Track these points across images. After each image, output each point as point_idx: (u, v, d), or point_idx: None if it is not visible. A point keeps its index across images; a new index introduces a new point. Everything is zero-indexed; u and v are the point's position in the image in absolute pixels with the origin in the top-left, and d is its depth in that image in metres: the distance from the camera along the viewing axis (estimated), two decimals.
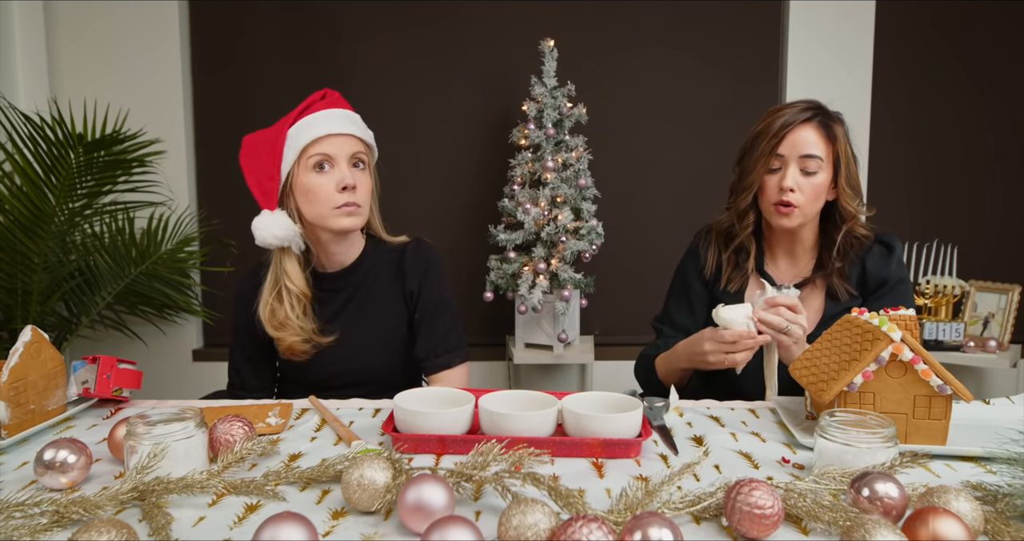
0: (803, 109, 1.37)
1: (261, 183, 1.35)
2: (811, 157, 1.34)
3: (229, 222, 2.72)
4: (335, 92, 1.41)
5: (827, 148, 1.36)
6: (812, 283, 1.43)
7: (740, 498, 0.72)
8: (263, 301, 1.39)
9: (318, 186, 1.33)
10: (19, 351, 1.07)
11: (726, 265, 1.48)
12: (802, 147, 1.34)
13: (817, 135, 1.35)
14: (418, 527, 0.73)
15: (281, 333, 1.38)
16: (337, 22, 2.70)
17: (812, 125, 1.36)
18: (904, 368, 0.98)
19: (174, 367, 2.76)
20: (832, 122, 1.37)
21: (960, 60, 2.77)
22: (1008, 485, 0.81)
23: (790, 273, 1.47)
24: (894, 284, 1.40)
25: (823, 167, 1.35)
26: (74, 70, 2.63)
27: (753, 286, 1.47)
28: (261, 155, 1.35)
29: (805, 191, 1.35)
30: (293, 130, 1.33)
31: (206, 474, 0.85)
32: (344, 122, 1.36)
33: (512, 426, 0.98)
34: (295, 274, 1.38)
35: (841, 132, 1.38)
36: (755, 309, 1.26)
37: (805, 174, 1.35)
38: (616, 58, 2.75)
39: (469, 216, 2.77)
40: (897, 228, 2.70)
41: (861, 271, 1.42)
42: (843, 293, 1.41)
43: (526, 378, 2.83)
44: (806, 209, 1.36)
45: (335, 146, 1.33)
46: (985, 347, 2.51)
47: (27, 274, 2.23)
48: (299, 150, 1.32)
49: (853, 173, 1.39)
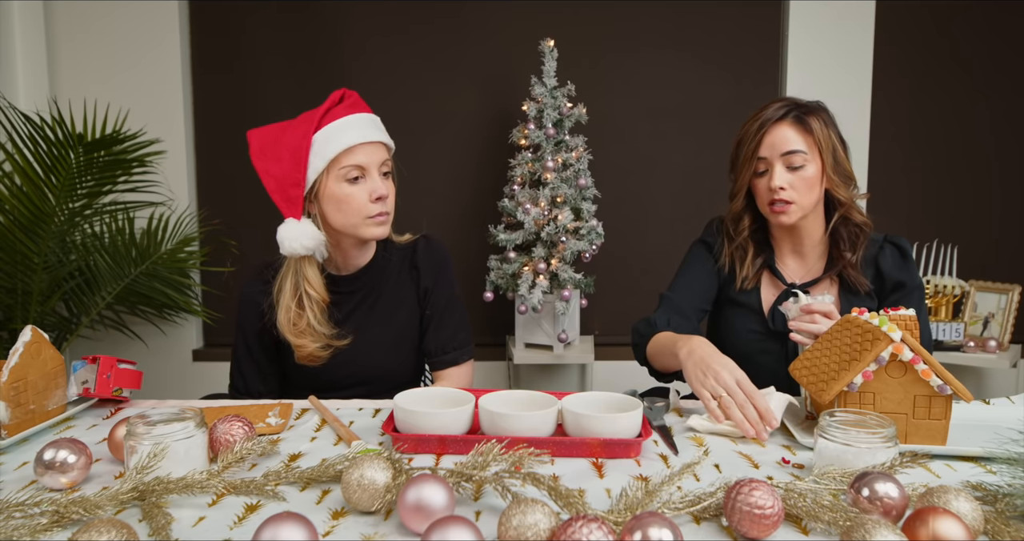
0: (777, 108, 1.39)
1: (285, 190, 1.31)
2: (793, 153, 1.35)
3: (229, 222, 2.72)
4: (353, 92, 1.38)
5: (807, 140, 1.36)
6: (824, 280, 1.44)
7: (740, 498, 0.72)
8: (283, 308, 1.36)
9: (351, 196, 1.31)
10: (19, 351, 1.07)
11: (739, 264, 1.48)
12: (782, 145, 1.36)
13: (794, 130, 1.36)
14: (418, 527, 0.73)
15: (302, 340, 1.36)
16: (337, 22, 2.70)
17: (787, 122, 1.37)
18: (904, 368, 0.98)
19: (174, 367, 2.76)
20: (807, 115, 1.38)
21: (960, 60, 2.77)
22: (1008, 485, 0.81)
23: (800, 270, 1.47)
24: (911, 289, 1.40)
25: (809, 160, 1.36)
26: (74, 70, 2.63)
27: (766, 284, 1.48)
28: (283, 160, 1.30)
29: (796, 186, 1.36)
30: (320, 136, 1.30)
31: (206, 474, 0.85)
32: (372, 129, 1.35)
33: (512, 426, 0.98)
34: (316, 281, 1.36)
35: (817, 123, 1.37)
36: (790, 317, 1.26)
37: (792, 170, 1.36)
38: (616, 58, 2.75)
39: (469, 216, 2.77)
40: (897, 228, 2.71)
41: (876, 272, 1.42)
42: (861, 285, 1.40)
43: (526, 378, 2.83)
44: (802, 202, 1.37)
45: (367, 156, 1.32)
46: (985, 347, 2.51)
47: (27, 274, 2.23)
48: (329, 159, 1.29)
49: (841, 160, 1.40)
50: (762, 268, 1.48)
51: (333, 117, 1.32)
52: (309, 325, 1.36)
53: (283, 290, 1.37)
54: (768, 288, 1.48)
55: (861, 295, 1.41)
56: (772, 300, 1.46)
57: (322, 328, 1.37)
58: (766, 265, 1.48)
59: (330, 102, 1.35)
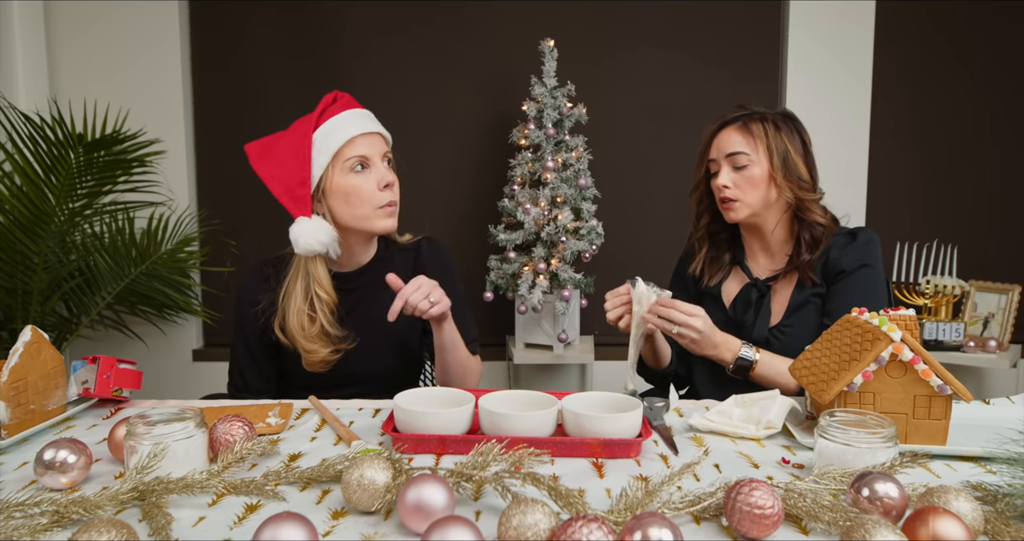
0: (728, 114, 1.48)
1: (292, 190, 1.31)
2: (736, 154, 1.43)
3: (229, 222, 2.72)
4: (345, 94, 1.40)
5: (750, 143, 1.43)
6: (785, 276, 1.49)
7: (740, 498, 0.72)
8: (294, 312, 1.35)
9: (359, 186, 1.32)
10: (19, 351, 1.07)
11: (706, 266, 1.58)
12: (726, 147, 1.45)
13: (740, 134, 1.44)
14: (418, 527, 0.73)
15: (314, 345, 1.36)
16: (337, 22, 2.70)
17: (734, 126, 1.45)
18: (904, 368, 0.98)
19: (174, 367, 2.76)
20: (753, 120, 1.44)
21: (960, 60, 2.77)
22: (1008, 485, 0.81)
23: (768, 267, 1.53)
24: (852, 270, 1.42)
25: (753, 161, 1.43)
26: (74, 70, 2.63)
27: (732, 278, 1.56)
28: (286, 162, 1.31)
29: (740, 185, 1.44)
30: (320, 133, 1.31)
31: (206, 474, 0.85)
32: (369, 121, 1.37)
33: (512, 426, 0.98)
34: (326, 281, 1.36)
35: (763, 128, 1.44)
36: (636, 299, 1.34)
37: (736, 169, 1.44)
38: (616, 58, 2.75)
39: (469, 216, 2.77)
40: (897, 228, 2.73)
41: (824, 261, 1.45)
42: (807, 281, 1.45)
43: (526, 378, 2.83)
44: (747, 200, 1.44)
45: (369, 146, 1.33)
46: (985, 347, 2.51)
47: (27, 274, 2.23)
48: (332, 153, 1.30)
49: (793, 164, 1.44)
50: (732, 263, 1.57)
51: (329, 115, 1.34)
52: (322, 328, 1.36)
53: (292, 294, 1.36)
54: (733, 281, 1.56)
55: (807, 288, 1.46)
56: (735, 292, 1.53)
57: (333, 330, 1.37)
58: (735, 261, 1.56)
59: (324, 104, 1.36)
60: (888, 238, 2.56)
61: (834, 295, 1.42)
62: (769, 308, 1.47)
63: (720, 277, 1.56)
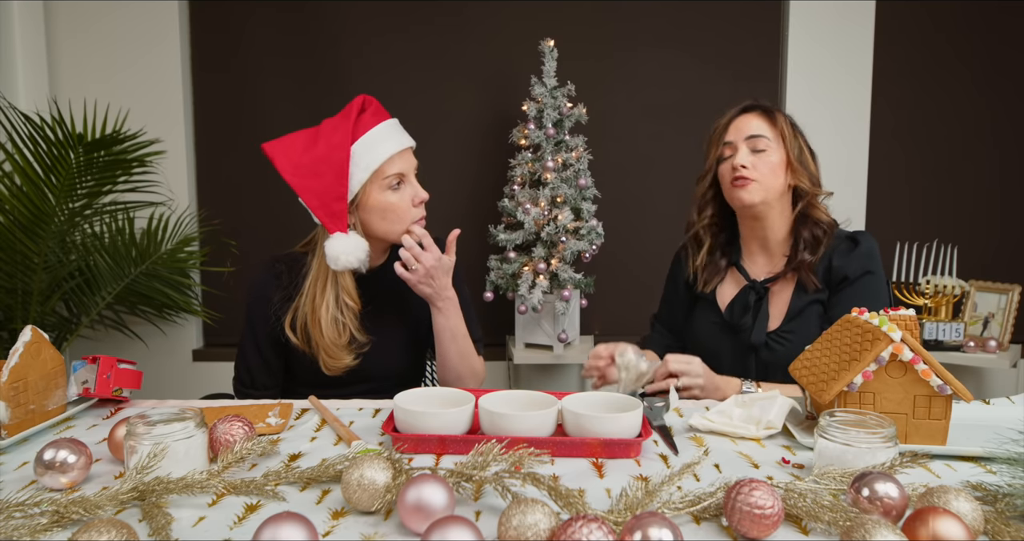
0: (744, 104, 1.49)
1: (328, 205, 1.31)
2: (757, 136, 1.43)
3: (229, 222, 2.72)
4: (372, 98, 1.39)
5: (772, 130, 1.44)
6: (784, 277, 1.47)
7: (740, 498, 0.72)
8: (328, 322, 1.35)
9: (396, 203, 1.35)
10: (19, 351, 1.07)
11: (701, 269, 1.56)
12: (746, 130, 1.45)
13: (760, 119, 1.46)
14: (418, 527, 0.73)
15: (341, 352, 1.38)
16: (337, 22, 2.70)
17: (753, 113, 1.47)
18: (904, 368, 0.98)
19: (174, 367, 2.76)
20: (775, 111, 1.48)
21: (960, 60, 2.77)
22: (1008, 485, 0.81)
23: (765, 268, 1.51)
24: (856, 278, 1.41)
25: (772, 146, 1.43)
26: (74, 70, 2.63)
27: (729, 281, 1.54)
28: (324, 175, 1.30)
29: (759, 167, 1.43)
30: (360, 147, 1.31)
31: (206, 474, 0.85)
32: (403, 136, 1.38)
33: (512, 426, 0.98)
34: (353, 290, 1.38)
35: (783, 118, 1.46)
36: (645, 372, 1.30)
37: (755, 152, 1.43)
38: (616, 58, 2.75)
39: (469, 216, 2.77)
40: (897, 228, 2.73)
41: (827, 267, 1.44)
42: (810, 285, 1.44)
43: (526, 378, 2.83)
44: (764, 182, 1.43)
45: (405, 163, 1.36)
46: (985, 347, 2.51)
47: (27, 274, 2.23)
48: (372, 170, 1.31)
49: (806, 160, 1.46)
50: (728, 266, 1.54)
51: (365, 127, 1.34)
52: (352, 337, 1.38)
53: (323, 305, 1.36)
54: (729, 284, 1.54)
55: (809, 292, 1.44)
56: (732, 296, 1.51)
57: (360, 337, 1.39)
58: (732, 263, 1.54)
59: (355, 110, 1.35)
60: (888, 238, 2.56)
61: (838, 302, 1.41)
62: (767, 311, 1.46)
63: (715, 282, 1.55)
